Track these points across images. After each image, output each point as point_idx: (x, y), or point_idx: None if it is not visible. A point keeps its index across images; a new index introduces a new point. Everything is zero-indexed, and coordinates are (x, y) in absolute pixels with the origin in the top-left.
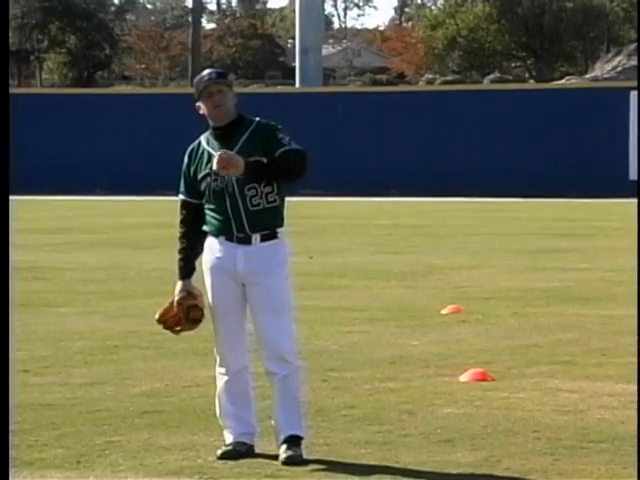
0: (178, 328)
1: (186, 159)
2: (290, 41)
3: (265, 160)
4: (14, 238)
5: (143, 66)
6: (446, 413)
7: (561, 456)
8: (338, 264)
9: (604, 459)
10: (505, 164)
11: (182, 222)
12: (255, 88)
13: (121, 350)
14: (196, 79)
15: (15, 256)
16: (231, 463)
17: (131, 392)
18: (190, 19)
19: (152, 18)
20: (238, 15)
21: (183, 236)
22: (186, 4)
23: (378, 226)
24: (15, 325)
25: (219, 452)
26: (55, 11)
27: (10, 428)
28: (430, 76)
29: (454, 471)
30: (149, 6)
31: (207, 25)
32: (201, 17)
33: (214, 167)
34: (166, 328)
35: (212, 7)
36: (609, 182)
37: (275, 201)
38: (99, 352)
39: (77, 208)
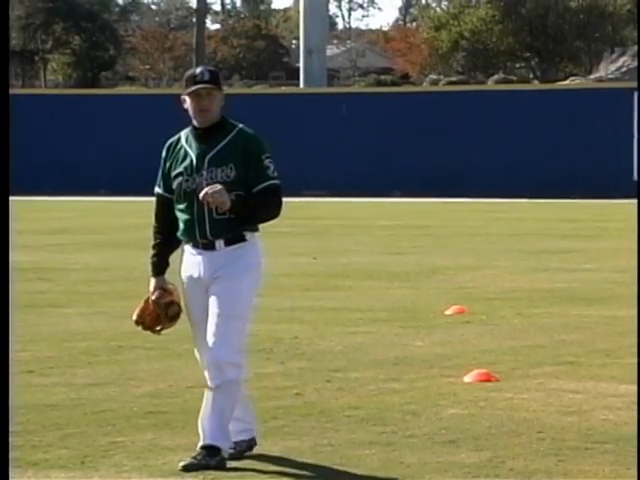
0: (159, 327)
1: (164, 153)
2: (294, 42)
3: (241, 192)
4: (17, 239)
5: (147, 67)
6: (450, 414)
7: (565, 457)
8: (342, 265)
9: (608, 460)
10: (509, 165)
11: (157, 216)
12: (259, 89)
13: (125, 351)
14: (187, 73)
15: (18, 257)
16: (234, 463)
17: (135, 393)
18: (194, 20)
19: (156, 19)
20: (242, 16)
21: (158, 231)
22: (190, 5)
23: (382, 227)
24: (19, 326)
25: None
26: (59, 12)
27: (11, 429)
28: (434, 77)
29: (458, 472)
30: (153, 7)
31: (211, 26)
32: (205, 18)
33: (200, 196)
34: (146, 329)
35: (216, 8)
36: (613, 183)
37: None
38: (103, 353)
39: (80, 209)
